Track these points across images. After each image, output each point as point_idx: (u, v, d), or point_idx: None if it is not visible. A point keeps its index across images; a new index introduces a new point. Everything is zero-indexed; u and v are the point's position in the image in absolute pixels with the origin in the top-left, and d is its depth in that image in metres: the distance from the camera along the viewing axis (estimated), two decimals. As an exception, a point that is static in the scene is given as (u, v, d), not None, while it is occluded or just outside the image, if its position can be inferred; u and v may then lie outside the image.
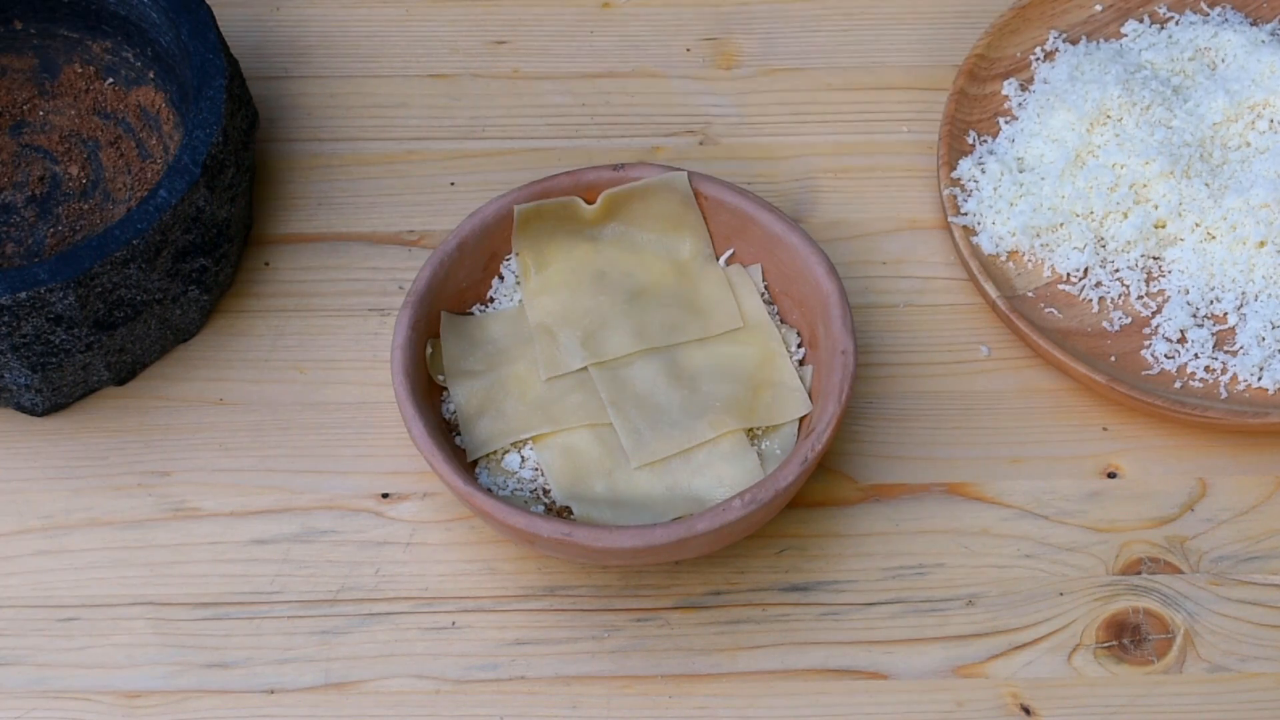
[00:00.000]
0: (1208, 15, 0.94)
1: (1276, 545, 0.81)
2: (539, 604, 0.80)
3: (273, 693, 0.77)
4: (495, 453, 0.80)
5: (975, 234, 0.87)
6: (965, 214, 0.88)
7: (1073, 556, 0.80)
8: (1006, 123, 0.91)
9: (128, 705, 0.77)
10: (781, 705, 0.77)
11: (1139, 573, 0.80)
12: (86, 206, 0.88)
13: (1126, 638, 0.78)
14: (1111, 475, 0.83)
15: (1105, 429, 0.84)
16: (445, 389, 0.81)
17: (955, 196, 0.88)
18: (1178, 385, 0.83)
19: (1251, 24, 0.93)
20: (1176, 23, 0.93)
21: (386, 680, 0.78)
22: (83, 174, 0.89)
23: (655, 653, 0.78)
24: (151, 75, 0.90)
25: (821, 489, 0.82)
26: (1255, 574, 0.80)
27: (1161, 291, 0.86)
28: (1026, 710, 0.77)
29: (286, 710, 0.77)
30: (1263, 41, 0.90)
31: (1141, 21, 0.94)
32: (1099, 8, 0.94)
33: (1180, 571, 0.80)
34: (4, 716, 0.77)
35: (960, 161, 0.89)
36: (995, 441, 0.84)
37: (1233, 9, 0.94)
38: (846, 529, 0.81)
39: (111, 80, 0.91)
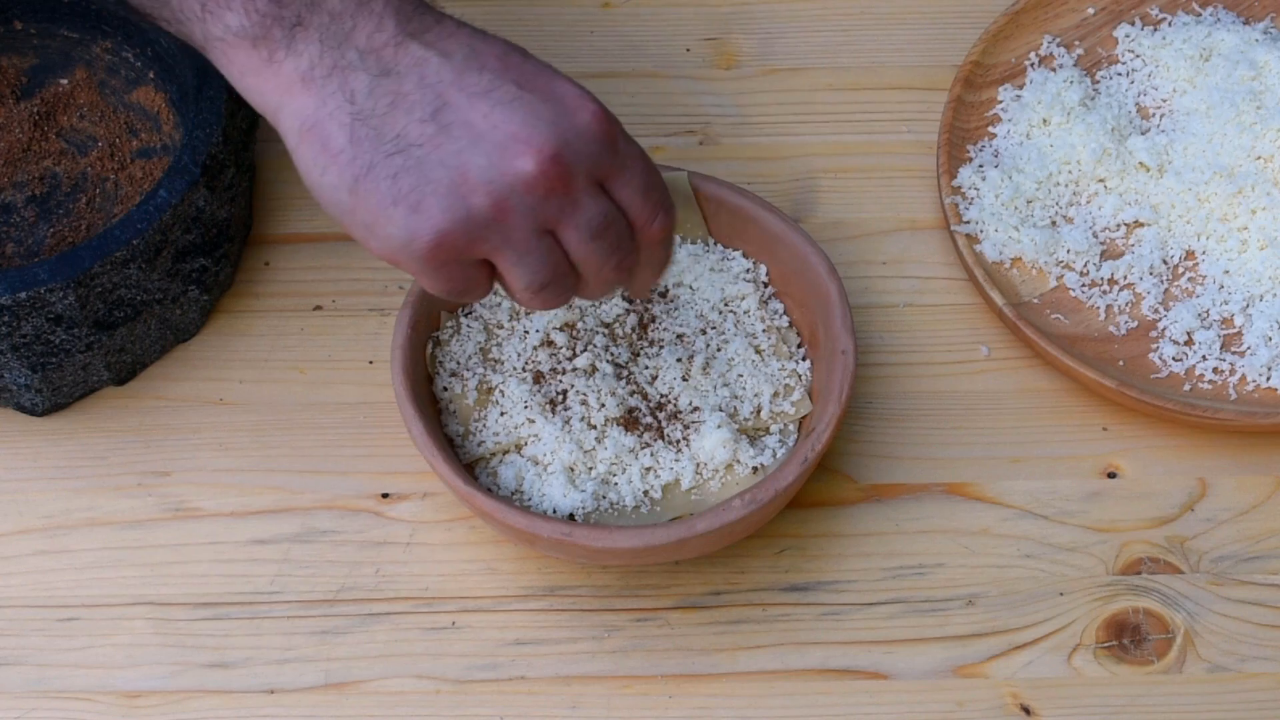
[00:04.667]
0: (1200, 16, 0.93)
1: (1276, 545, 0.81)
2: (539, 604, 0.79)
3: (273, 693, 0.77)
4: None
5: (978, 242, 0.87)
6: (968, 222, 0.87)
7: (1073, 556, 0.80)
8: (1004, 129, 0.91)
9: (128, 705, 0.77)
10: (781, 705, 0.77)
11: (1139, 573, 0.80)
12: (86, 207, 0.88)
13: (1126, 638, 0.78)
14: (1111, 475, 0.83)
15: (1105, 429, 0.84)
16: (446, 389, 0.81)
17: (957, 205, 0.88)
18: (1186, 388, 0.83)
19: (1244, 24, 0.93)
20: (1169, 24, 0.93)
21: (386, 680, 0.78)
22: (83, 174, 0.89)
23: (655, 653, 0.78)
24: (151, 75, 0.90)
25: (821, 489, 0.82)
26: (1255, 574, 0.80)
27: (1168, 294, 0.86)
28: (1026, 710, 0.77)
29: (286, 710, 0.77)
30: (1256, 41, 0.90)
31: (1134, 24, 0.93)
32: (1091, 11, 0.94)
33: (1180, 571, 0.80)
34: (4, 716, 0.77)
35: (960, 169, 0.89)
36: (995, 441, 0.84)
37: (1225, 9, 0.94)
38: (846, 529, 0.81)
39: (112, 80, 0.91)
